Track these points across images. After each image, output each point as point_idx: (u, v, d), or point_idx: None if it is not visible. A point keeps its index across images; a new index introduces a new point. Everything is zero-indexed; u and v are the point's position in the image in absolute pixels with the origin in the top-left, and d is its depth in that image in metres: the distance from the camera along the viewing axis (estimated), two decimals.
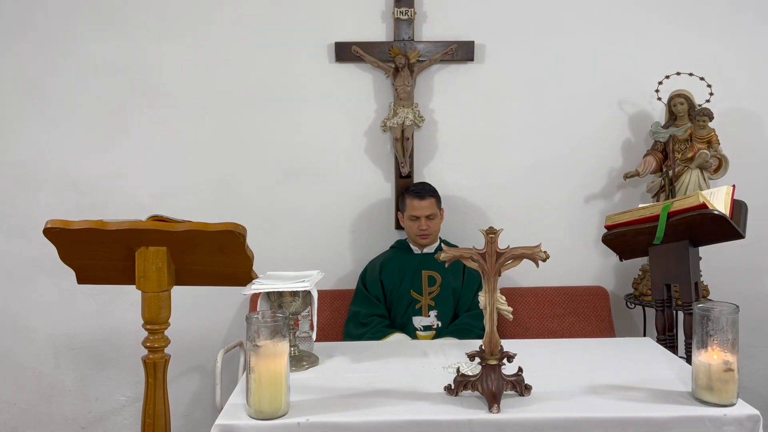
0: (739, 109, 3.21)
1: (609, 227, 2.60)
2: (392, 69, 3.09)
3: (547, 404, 1.77)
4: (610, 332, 3.10)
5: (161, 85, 3.15)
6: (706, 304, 1.83)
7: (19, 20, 3.11)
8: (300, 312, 2.13)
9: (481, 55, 3.18)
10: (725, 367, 1.75)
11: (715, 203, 2.32)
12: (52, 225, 1.88)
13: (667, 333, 2.54)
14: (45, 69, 3.12)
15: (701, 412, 1.73)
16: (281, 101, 3.17)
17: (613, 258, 3.14)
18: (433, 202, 2.93)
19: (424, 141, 3.21)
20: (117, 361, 3.21)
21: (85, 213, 2.92)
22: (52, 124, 3.14)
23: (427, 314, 2.87)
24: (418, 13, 3.13)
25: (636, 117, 3.23)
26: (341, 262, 3.23)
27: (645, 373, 1.99)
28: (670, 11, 3.20)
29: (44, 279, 3.16)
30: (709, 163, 2.92)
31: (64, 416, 3.23)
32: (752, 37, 3.21)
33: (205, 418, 3.18)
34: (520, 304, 3.07)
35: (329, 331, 2.96)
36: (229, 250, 1.94)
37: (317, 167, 3.20)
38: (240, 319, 3.20)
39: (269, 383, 1.70)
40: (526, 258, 1.80)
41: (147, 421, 1.95)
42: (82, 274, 2.05)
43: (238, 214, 2.92)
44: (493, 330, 1.81)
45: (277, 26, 3.15)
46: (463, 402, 1.79)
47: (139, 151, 3.16)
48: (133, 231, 1.88)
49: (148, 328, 1.96)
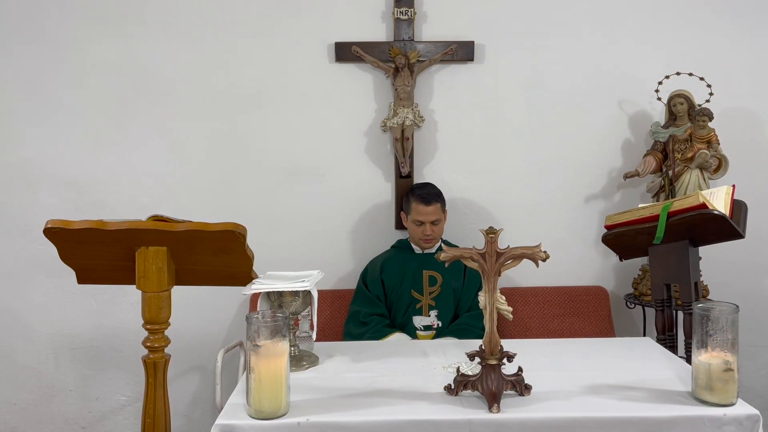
0: (739, 109, 3.21)
1: (609, 227, 2.60)
2: (392, 69, 3.09)
3: (547, 404, 1.77)
4: (610, 332, 3.10)
5: (161, 85, 3.15)
6: (706, 304, 1.83)
7: (19, 20, 3.11)
8: (300, 312, 2.13)
9: (481, 55, 3.18)
10: (725, 367, 1.75)
11: (715, 203, 2.32)
12: (52, 225, 1.88)
13: (667, 333, 2.54)
14: (45, 69, 3.12)
15: (701, 412, 1.73)
16: (281, 101, 3.17)
17: (613, 258, 3.15)
18: (439, 207, 2.91)
19: (424, 141, 3.21)
20: (117, 361, 3.21)
21: (85, 213, 2.94)
22: (52, 123, 3.14)
23: (428, 314, 2.87)
24: (418, 13, 3.13)
25: (636, 117, 3.23)
26: (341, 262, 3.23)
27: (645, 373, 1.99)
28: (670, 11, 3.19)
29: (44, 279, 3.16)
30: (709, 163, 2.92)
31: (64, 416, 3.23)
32: (752, 37, 3.21)
33: (205, 418, 3.18)
34: (520, 304, 3.06)
35: (329, 331, 2.96)
36: (229, 250, 1.94)
37: (317, 167, 3.20)
38: (240, 319, 3.20)
39: (269, 383, 1.70)
40: (526, 258, 1.80)
41: (147, 421, 1.96)
42: (82, 274, 2.06)
43: (238, 214, 2.91)
44: (493, 330, 1.81)
45: (277, 26, 3.15)
46: (463, 402, 1.79)
47: (139, 151, 3.16)
48: (133, 231, 1.89)
49: (148, 328, 1.97)
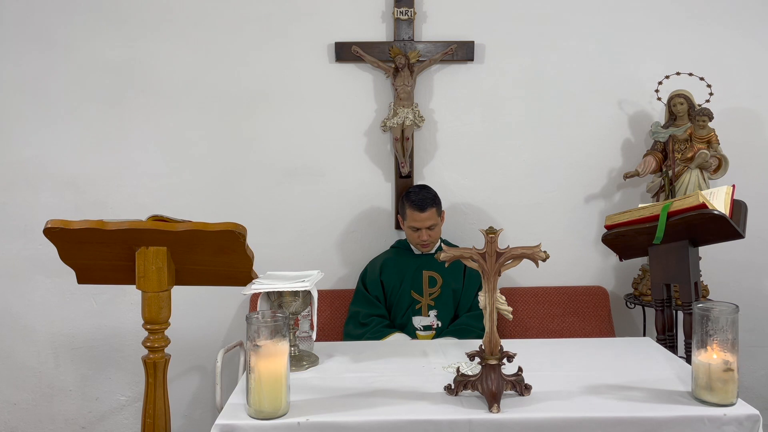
0: (739, 109, 3.21)
1: (609, 227, 2.60)
2: (392, 69, 3.09)
3: (547, 404, 1.77)
4: (610, 332, 3.10)
5: (161, 85, 3.15)
6: (706, 304, 1.83)
7: (19, 20, 3.11)
8: (300, 312, 2.13)
9: (481, 55, 3.18)
10: (725, 367, 1.75)
11: (715, 203, 2.32)
12: (52, 225, 1.89)
13: (667, 333, 2.54)
14: (45, 69, 3.12)
15: (701, 412, 1.73)
16: (281, 101, 3.17)
17: (613, 258, 3.15)
18: (434, 212, 2.87)
19: (424, 141, 3.21)
20: (117, 361, 3.21)
21: (85, 213, 2.94)
22: (52, 124, 3.14)
23: (427, 314, 2.87)
24: (418, 13, 3.13)
25: (636, 117, 3.23)
26: (341, 262, 3.23)
27: (645, 373, 2.00)
28: (670, 11, 3.20)
29: (44, 279, 3.16)
30: (709, 163, 2.92)
31: (64, 416, 3.23)
32: (752, 37, 3.21)
33: (205, 418, 3.19)
34: (520, 304, 3.07)
35: (329, 331, 2.96)
36: (229, 250, 1.95)
37: (317, 167, 3.20)
38: (240, 319, 3.20)
39: (269, 383, 1.70)
40: (526, 258, 1.81)
41: (147, 421, 1.96)
42: (82, 274, 2.06)
43: (238, 214, 2.93)
44: (493, 330, 1.81)
45: (277, 26, 3.15)
46: (463, 402, 1.79)
47: (139, 151, 3.16)
48: (133, 231, 1.89)
49: (148, 327, 1.97)
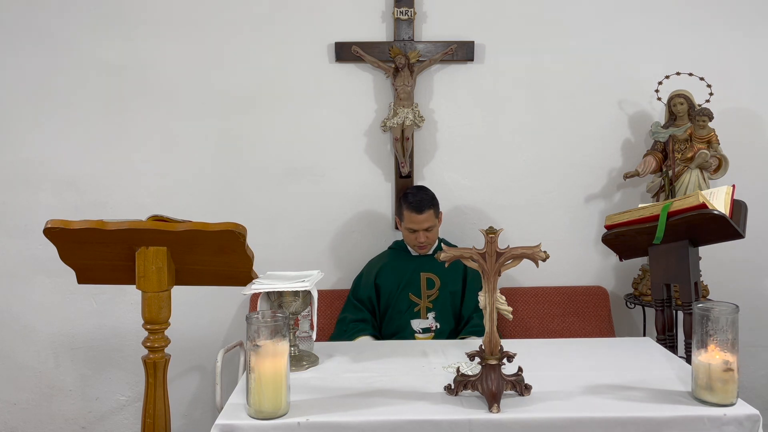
0: (739, 109, 3.21)
1: (609, 227, 2.60)
2: (392, 69, 3.09)
3: (547, 404, 1.77)
4: (610, 332, 3.09)
5: (161, 85, 3.14)
6: (706, 304, 1.83)
7: (19, 20, 3.11)
8: (300, 312, 2.13)
9: (481, 55, 3.18)
10: (725, 367, 1.75)
11: (715, 203, 2.32)
12: (52, 225, 1.89)
13: (667, 333, 2.54)
14: (45, 69, 3.12)
15: (701, 412, 1.73)
16: (281, 101, 3.17)
17: (613, 258, 3.15)
18: (431, 214, 2.86)
19: (424, 141, 3.21)
20: (117, 361, 3.21)
21: (85, 213, 2.94)
22: (52, 124, 3.14)
23: (425, 316, 2.86)
24: (418, 13, 3.13)
25: (636, 117, 3.23)
26: (341, 262, 3.23)
27: (645, 373, 2.00)
28: (670, 11, 3.19)
29: (44, 279, 3.16)
30: (709, 163, 2.91)
31: (64, 416, 3.23)
32: (752, 37, 3.21)
33: (205, 418, 3.18)
34: (520, 304, 3.06)
35: (329, 331, 2.95)
36: (229, 250, 1.95)
37: (317, 167, 3.20)
38: (240, 319, 3.20)
39: (269, 383, 1.70)
40: (526, 258, 1.81)
41: (147, 421, 1.96)
42: (82, 274, 2.06)
43: (238, 214, 2.93)
44: (493, 330, 1.81)
45: (277, 26, 3.15)
46: (463, 402, 1.79)
47: (139, 151, 3.16)
48: (133, 231, 1.89)
49: (148, 328, 1.97)
